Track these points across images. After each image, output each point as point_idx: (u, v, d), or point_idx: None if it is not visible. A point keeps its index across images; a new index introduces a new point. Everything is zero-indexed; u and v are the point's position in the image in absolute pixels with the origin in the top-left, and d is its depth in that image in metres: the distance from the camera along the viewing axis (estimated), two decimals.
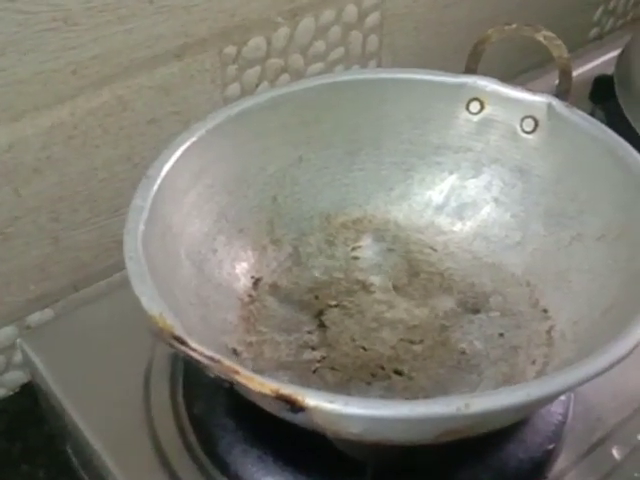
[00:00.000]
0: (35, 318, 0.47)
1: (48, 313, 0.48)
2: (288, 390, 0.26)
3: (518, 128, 0.42)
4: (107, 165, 0.46)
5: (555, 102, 0.41)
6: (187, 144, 0.38)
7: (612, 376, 0.29)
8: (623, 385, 0.40)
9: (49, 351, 0.42)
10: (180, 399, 0.38)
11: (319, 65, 0.54)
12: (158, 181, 0.35)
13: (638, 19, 0.80)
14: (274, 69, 0.51)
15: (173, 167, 0.37)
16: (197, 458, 0.36)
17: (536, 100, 0.41)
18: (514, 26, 0.42)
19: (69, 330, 0.43)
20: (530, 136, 0.42)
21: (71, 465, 0.44)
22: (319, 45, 0.53)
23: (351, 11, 0.53)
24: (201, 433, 0.37)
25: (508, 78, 0.43)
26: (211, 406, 0.37)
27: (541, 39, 0.42)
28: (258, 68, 0.50)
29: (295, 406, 0.26)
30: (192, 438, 0.37)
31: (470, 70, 0.44)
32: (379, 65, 0.58)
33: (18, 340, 0.43)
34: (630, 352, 0.29)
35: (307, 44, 0.52)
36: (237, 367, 0.26)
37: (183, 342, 0.27)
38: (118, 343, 0.41)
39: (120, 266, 0.49)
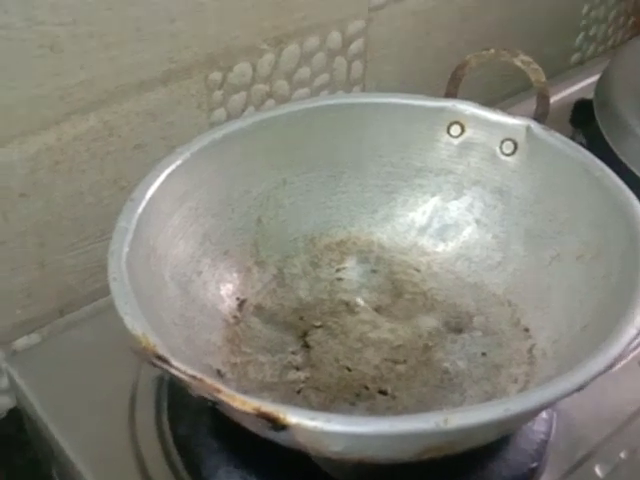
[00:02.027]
0: (22, 343, 0.47)
1: (34, 337, 0.48)
2: (270, 408, 0.26)
3: (498, 150, 0.43)
4: (94, 190, 0.46)
5: (533, 125, 0.42)
6: (172, 167, 0.38)
7: (593, 395, 0.30)
8: (604, 404, 0.40)
9: (35, 375, 0.41)
10: (165, 421, 0.38)
11: (304, 90, 0.54)
12: (143, 204, 0.36)
13: (618, 45, 0.82)
14: (259, 95, 0.52)
15: (157, 190, 0.37)
16: (182, 479, 0.36)
17: (515, 123, 0.42)
18: (492, 51, 0.43)
19: (55, 354, 0.43)
20: (509, 158, 0.43)
21: None
22: (304, 71, 0.53)
23: (335, 38, 0.54)
24: (186, 454, 0.37)
25: (489, 104, 0.44)
26: (196, 427, 0.37)
27: (519, 64, 0.43)
28: (244, 94, 0.51)
29: (277, 424, 0.26)
30: (177, 459, 0.37)
31: (450, 94, 0.45)
32: (363, 91, 0.59)
33: (4, 365, 0.43)
34: (608, 368, 0.29)
35: (292, 70, 0.53)
36: (219, 385, 0.27)
37: (166, 361, 0.27)
38: (104, 367, 0.42)
39: (106, 291, 0.49)
